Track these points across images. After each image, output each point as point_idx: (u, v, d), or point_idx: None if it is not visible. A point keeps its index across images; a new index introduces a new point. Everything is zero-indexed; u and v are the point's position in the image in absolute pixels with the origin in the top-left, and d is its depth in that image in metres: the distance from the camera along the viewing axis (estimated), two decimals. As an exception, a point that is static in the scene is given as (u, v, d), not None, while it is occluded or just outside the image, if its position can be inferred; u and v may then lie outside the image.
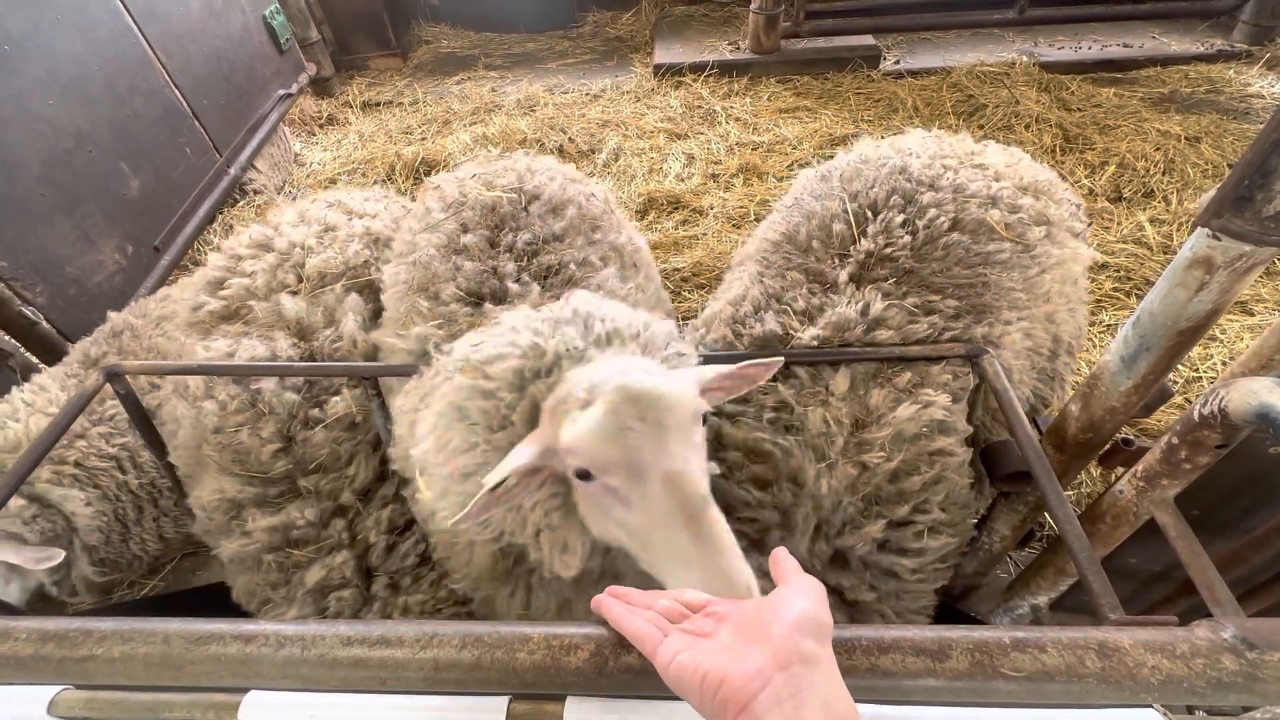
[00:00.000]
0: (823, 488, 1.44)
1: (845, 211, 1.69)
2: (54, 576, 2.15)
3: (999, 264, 1.62)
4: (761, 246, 1.84)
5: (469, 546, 1.38)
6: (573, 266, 1.66)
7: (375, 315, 1.94)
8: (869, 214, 1.68)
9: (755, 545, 1.48)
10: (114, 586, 2.55)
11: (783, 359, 1.24)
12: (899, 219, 1.64)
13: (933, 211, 1.64)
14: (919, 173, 1.72)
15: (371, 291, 1.97)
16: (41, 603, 2.20)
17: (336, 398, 1.77)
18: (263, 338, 1.84)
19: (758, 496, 1.48)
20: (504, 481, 1.02)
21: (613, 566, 1.24)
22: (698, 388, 1.10)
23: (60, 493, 2.12)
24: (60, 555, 2.00)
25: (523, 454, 1.04)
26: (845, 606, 1.47)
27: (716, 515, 0.97)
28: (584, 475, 1.02)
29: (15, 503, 2.05)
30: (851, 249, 1.64)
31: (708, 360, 1.47)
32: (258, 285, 1.92)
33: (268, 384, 1.74)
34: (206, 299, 1.95)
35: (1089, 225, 1.93)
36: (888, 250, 1.60)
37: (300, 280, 1.93)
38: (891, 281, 1.59)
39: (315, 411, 1.75)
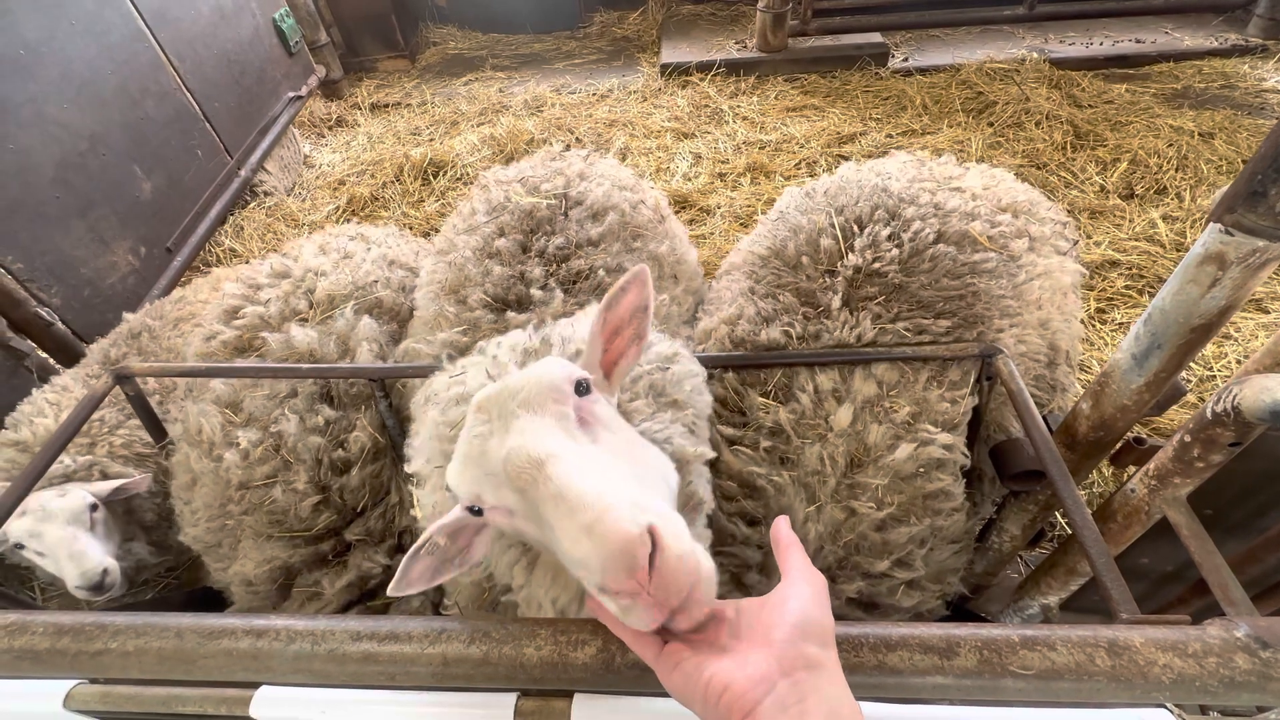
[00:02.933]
0: (810, 533, 1.43)
1: (832, 225, 1.69)
2: (121, 550, 2.19)
3: (987, 272, 1.61)
4: (749, 259, 1.83)
5: None
6: (602, 273, 1.64)
7: (391, 339, 1.92)
8: (855, 228, 1.68)
9: (734, 579, 1.47)
10: (149, 580, 2.58)
11: (646, 268, 1.09)
12: (885, 232, 1.64)
13: (917, 224, 1.64)
14: (899, 192, 1.74)
15: (383, 310, 1.94)
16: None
17: (355, 432, 1.70)
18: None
19: (745, 533, 1.47)
20: (430, 541, 0.93)
21: None
22: (571, 361, 1.00)
23: (118, 469, 2.17)
24: (149, 478, 2.05)
25: (447, 515, 0.95)
26: None
27: (565, 469, 0.78)
28: (476, 512, 0.90)
29: (82, 459, 2.12)
30: (839, 264, 1.63)
31: (702, 363, 1.45)
32: (271, 314, 1.86)
33: (289, 427, 1.66)
34: (221, 328, 1.88)
35: (1075, 244, 1.92)
36: (876, 265, 1.60)
37: (311, 306, 1.88)
38: (881, 300, 1.57)
39: (340, 453, 1.68)
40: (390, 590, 0.92)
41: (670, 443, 1.11)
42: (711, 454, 1.21)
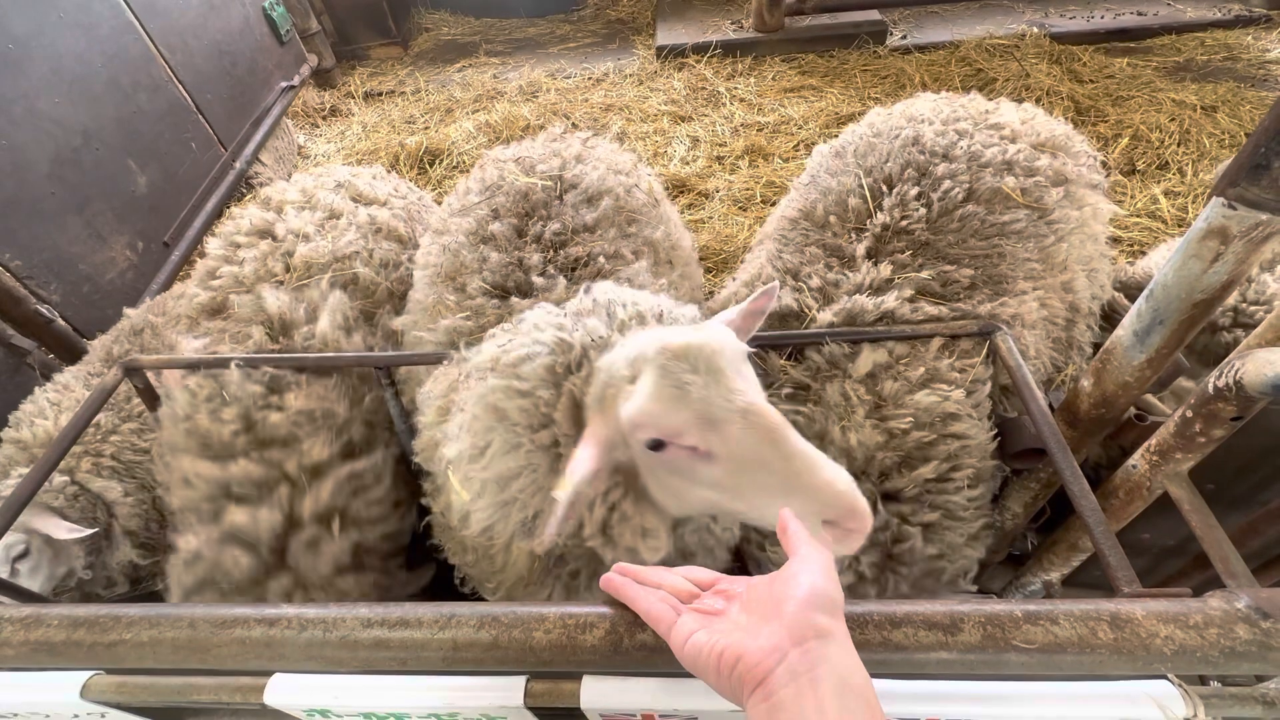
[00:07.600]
0: (851, 440, 1.46)
1: (861, 186, 1.70)
2: (87, 560, 2.20)
3: (1014, 234, 1.62)
4: (780, 225, 1.85)
5: (505, 549, 1.35)
6: (601, 259, 1.64)
7: (361, 315, 1.93)
8: (884, 188, 1.68)
9: None
10: (147, 576, 2.60)
11: (777, 284, 1.24)
12: (913, 192, 1.64)
13: (947, 183, 1.64)
14: (932, 143, 1.72)
15: (358, 287, 1.95)
16: (72, 593, 2.25)
17: (293, 393, 1.73)
18: (239, 334, 1.81)
19: None
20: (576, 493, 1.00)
21: (682, 544, 1.22)
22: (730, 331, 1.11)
23: (100, 484, 2.18)
24: (89, 531, 2.04)
25: (584, 460, 1.01)
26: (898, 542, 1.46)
27: (795, 434, 0.96)
28: (657, 446, 1.00)
29: (58, 479, 2.12)
30: (868, 223, 1.64)
31: None
32: (246, 274, 1.88)
33: (234, 375, 1.70)
34: (197, 290, 1.94)
35: (1106, 177, 1.92)
36: (903, 223, 1.61)
37: (287, 270, 1.90)
38: (908, 254, 1.59)
39: (274, 399, 1.72)
40: (539, 543, 1.07)
41: None
42: None
